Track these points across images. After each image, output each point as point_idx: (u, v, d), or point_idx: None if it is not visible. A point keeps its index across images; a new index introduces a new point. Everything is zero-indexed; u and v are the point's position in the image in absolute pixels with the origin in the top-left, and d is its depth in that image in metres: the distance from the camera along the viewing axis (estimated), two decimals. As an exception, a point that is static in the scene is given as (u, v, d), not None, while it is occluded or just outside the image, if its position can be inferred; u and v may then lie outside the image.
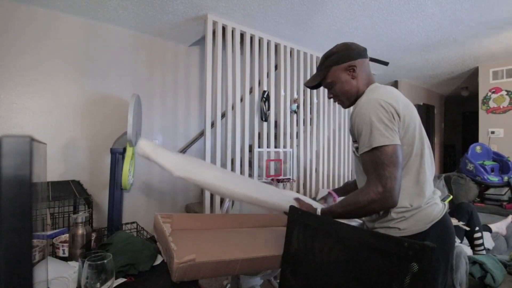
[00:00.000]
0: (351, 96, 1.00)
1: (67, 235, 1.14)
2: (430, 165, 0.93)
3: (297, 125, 3.08)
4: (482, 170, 3.11)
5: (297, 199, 1.08)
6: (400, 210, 0.88)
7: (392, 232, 0.87)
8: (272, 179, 2.58)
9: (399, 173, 0.83)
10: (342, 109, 3.61)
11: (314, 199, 1.36)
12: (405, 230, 0.86)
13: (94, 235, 1.14)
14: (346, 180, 3.54)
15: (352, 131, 0.95)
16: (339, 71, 0.99)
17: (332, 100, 1.10)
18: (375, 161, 0.83)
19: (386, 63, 1.11)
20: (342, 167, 3.56)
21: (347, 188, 1.26)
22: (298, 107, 3.04)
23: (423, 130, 0.93)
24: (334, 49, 1.02)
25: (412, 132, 0.88)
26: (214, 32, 2.48)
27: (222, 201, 2.50)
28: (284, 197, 1.09)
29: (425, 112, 5.16)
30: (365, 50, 1.01)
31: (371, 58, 1.06)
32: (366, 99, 0.90)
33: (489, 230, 2.30)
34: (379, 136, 0.82)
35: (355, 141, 0.94)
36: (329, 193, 1.26)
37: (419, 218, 0.86)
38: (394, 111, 0.85)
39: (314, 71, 3.27)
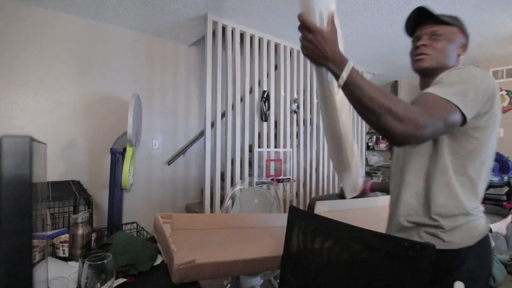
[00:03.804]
0: (443, 61, 0.88)
1: (67, 235, 1.14)
2: (484, 180, 0.86)
3: (297, 125, 3.08)
4: (482, 170, 3.10)
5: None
6: (447, 212, 0.80)
7: (435, 243, 0.76)
8: (272, 179, 2.58)
9: (441, 132, 0.74)
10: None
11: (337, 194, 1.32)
12: (450, 243, 0.79)
13: (94, 235, 1.14)
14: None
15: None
16: (457, 36, 0.91)
17: None
18: (440, 106, 0.71)
19: None
20: (342, 167, 3.55)
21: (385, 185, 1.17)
22: (298, 107, 3.03)
23: (495, 148, 0.87)
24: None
25: (488, 136, 0.79)
26: (214, 32, 2.48)
27: (222, 201, 2.50)
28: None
29: (425, 112, 5.14)
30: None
31: None
32: (482, 70, 0.81)
33: (489, 230, 2.30)
34: (461, 99, 0.71)
35: None
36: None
37: (465, 232, 0.81)
38: (491, 99, 0.75)
39: (314, 71, 3.27)
